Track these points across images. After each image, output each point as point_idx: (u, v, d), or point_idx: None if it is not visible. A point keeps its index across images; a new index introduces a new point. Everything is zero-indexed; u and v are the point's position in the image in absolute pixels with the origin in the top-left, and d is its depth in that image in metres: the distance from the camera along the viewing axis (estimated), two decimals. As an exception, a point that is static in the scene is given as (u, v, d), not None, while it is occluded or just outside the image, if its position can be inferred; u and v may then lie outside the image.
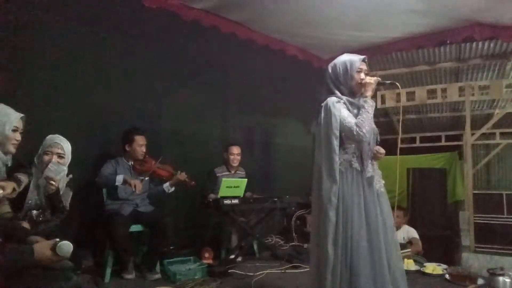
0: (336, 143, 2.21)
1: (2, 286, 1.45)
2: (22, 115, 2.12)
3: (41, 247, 1.56)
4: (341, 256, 2.16)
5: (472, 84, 5.23)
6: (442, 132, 6.24)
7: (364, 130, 2.16)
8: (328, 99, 2.28)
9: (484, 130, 5.25)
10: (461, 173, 5.51)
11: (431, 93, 5.42)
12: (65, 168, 2.39)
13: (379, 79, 2.28)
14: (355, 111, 2.25)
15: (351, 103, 2.26)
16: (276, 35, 4.47)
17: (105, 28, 3.48)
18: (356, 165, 2.25)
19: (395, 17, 3.83)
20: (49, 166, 2.20)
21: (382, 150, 2.29)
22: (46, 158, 2.31)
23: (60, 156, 2.36)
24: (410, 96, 5.49)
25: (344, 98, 2.27)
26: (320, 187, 2.24)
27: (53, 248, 1.56)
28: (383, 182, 2.32)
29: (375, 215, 2.21)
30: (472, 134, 5.11)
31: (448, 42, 4.38)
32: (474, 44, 4.59)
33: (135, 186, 3.19)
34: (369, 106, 2.21)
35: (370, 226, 2.17)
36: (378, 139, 2.41)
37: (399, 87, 2.34)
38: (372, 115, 2.22)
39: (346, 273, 2.14)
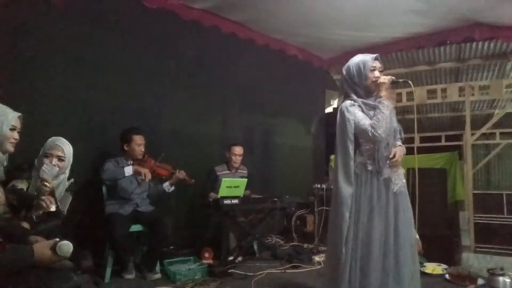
0: (351, 147, 2.24)
1: (2, 286, 1.45)
2: (19, 114, 2.11)
3: (41, 247, 1.55)
4: (352, 257, 2.18)
5: (472, 84, 5.22)
6: (442, 132, 6.23)
7: (379, 131, 2.16)
8: (343, 103, 2.31)
9: (484, 130, 5.24)
10: (461, 173, 5.51)
11: (431, 93, 5.42)
12: (66, 171, 2.38)
13: (393, 78, 2.28)
14: (371, 112, 2.25)
15: (366, 105, 2.26)
16: (276, 35, 4.47)
17: (105, 28, 3.48)
18: (371, 167, 2.25)
19: (395, 17, 3.83)
20: (43, 167, 2.14)
21: (397, 156, 2.23)
22: (46, 160, 2.29)
23: (60, 159, 2.34)
24: (410, 96, 5.49)
25: (360, 100, 2.27)
26: (337, 190, 2.27)
27: (53, 248, 1.55)
28: (404, 181, 2.30)
29: (389, 217, 2.21)
30: (472, 134, 5.11)
31: (448, 42, 4.38)
32: (474, 44, 4.58)
33: (145, 175, 3.21)
34: (384, 107, 2.20)
35: (384, 229, 2.18)
36: (402, 137, 2.40)
37: (412, 85, 2.32)
38: (387, 115, 2.19)
39: (357, 274, 2.16)
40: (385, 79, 2.25)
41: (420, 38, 4.32)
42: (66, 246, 1.56)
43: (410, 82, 2.35)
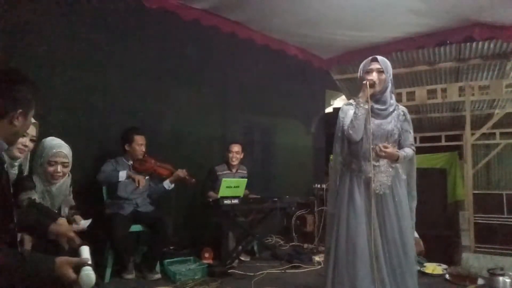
0: (338, 145, 2.37)
1: None
2: (34, 121, 2.07)
3: (63, 262, 1.33)
4: (335, 248, 2.25)
5: (472, 84, 5.22)
6: (442, 132, 6.22)
7: (351, 131, 2.23)
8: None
9: (484, 130, 5.24)
10: (461, 173, 5.50)
11: (431, 93, 5.41)
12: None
13: (371, 78, 2.26)
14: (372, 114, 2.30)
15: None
16: (276, 35, 4.46)
17: (105, 28, 3.48)
18: (354, 165, 2.32)
19: (395, 17, 3.83)
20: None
21: (388, 149, 2.22)
22: (51, 169, 2.24)
23: (64, 165, 2.30)
24: (410, 96, 5.48)
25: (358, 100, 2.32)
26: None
27: (76, 268, 1.33)
28: (389, 184, 2.31)
29: (373, 217, 2.23)
30: (472, 134, 5.11)
31: (448, 42, 4.38)
32: (474, 44, 4.57)
33: (138, 182, 3.22)
34: (359, 108, 2.23)
35: (364, 224, 2.22)
36: (402, 140, 2.38)
37: (367, 85, 2.24)
38: (360, 116, 2.21)
39: (342, 266, 2.21)
40: (364, 81, 2.25)
41: (420, 38, 4.31)
42: (89, 277, 1.33)
43: (366, 83, 2.25)
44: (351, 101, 2.38)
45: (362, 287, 2.13)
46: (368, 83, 2.22)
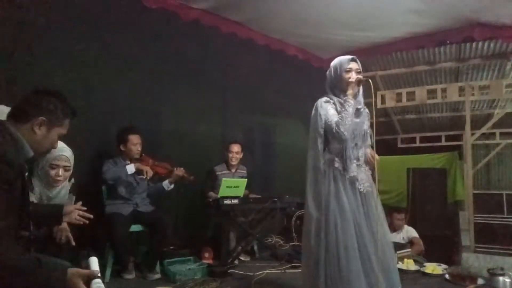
0: (320, 141, 2.32)
1: None
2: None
3: (75, 274, 1.36)
4: (325, 251, 2.21)
5: (472, 84, 5.23)
6: (442, 132, 6.24)
7: (342, 129, 2.21)
8: (319, 99, 2.36)
9: (484, 130, 5.25)
10: (461, 173, 5.51)
11: (431, 93, 5.42)
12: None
13: (360, 77, 2.30)
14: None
15: (342, 104, 2.29)
16: (276, 35, 4.47)
17: (105, 28, 3.48)
18: (338, 164, 2.31)
19: (395, 17, 3.83)
20: None
21: (377, 157, 2.30)
22: (52, 172, 2.22)
23: (66, 169, 2.27)
24: (410, 96, 5.49)
25: (335, 98, 2.33)
26: (306, 186, 2.40)
27: (87, 280, 1.36)
28: (370, 182, 2.34)
29: (357, 213, 2.25)
30: (472, 134, 5.12)
31: (448, 42, 4.38)
32: (474, 44, 4.59)
33: (146, 172, 3.27)
34: (348, 105, 2.24)
35: (353, 224, 2.22)
36: (372, 142, 2.43)
37: (371, 83, 2.30)
38: (351, 113, 2.23)
39: (334, 269, 2.17)
40: (353, 78, 2.28)
41: (420, 38, 4.32)
42: None
43: (369, 80, 2.32)
44: (327, 98, 2.36)
45: (357, 286, 2.12)
46: (366, 80, 2.27)
